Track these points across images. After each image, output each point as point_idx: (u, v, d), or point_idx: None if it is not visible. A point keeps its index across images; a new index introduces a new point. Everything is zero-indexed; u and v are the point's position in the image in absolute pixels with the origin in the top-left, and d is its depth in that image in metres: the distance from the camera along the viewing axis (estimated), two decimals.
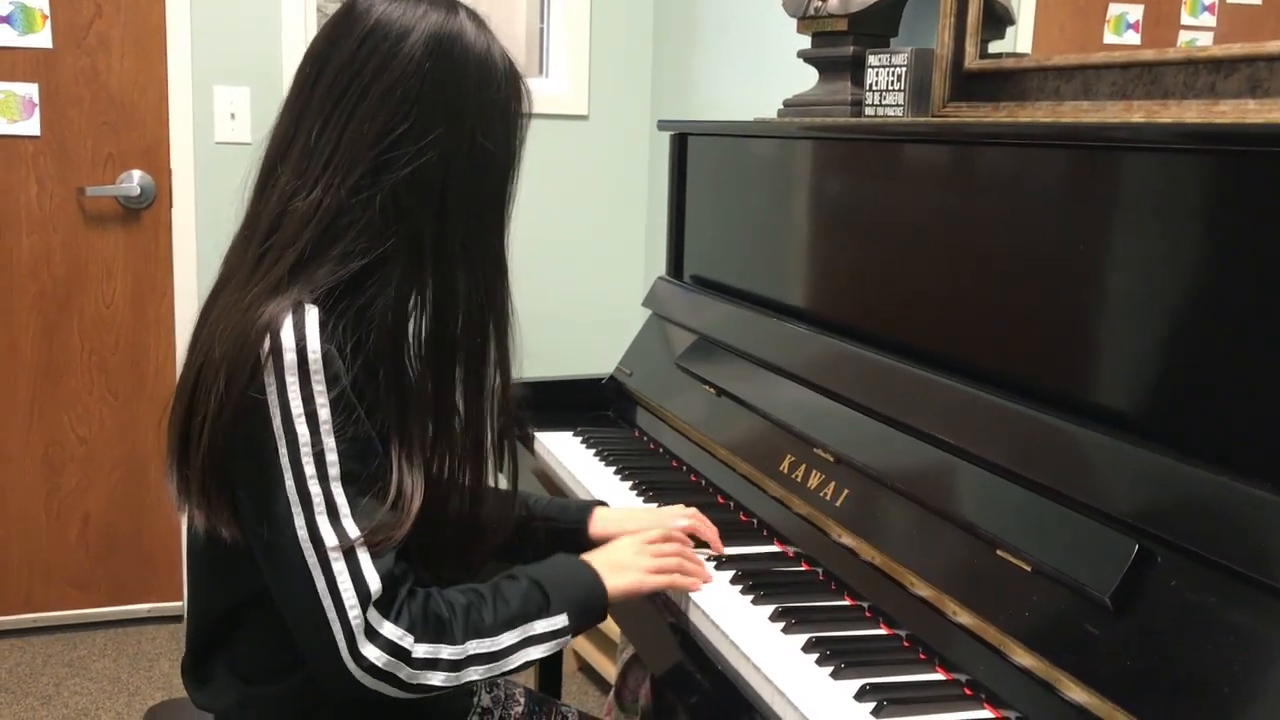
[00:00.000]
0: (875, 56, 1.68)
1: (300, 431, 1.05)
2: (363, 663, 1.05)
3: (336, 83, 1.11)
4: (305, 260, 1.08)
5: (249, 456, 1.06)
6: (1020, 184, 1.31)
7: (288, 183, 1.11)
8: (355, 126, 1.09)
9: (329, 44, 1.13)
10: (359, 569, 1.05)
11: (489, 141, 1.14)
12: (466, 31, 1.13)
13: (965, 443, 1.25)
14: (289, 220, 1.10)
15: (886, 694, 1.09)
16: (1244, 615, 0.92)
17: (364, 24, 1.11)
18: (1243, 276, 1.02)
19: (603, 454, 1.81)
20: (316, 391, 1.05)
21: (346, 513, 1.06)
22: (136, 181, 2.88)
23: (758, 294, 1.87)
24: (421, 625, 1.08)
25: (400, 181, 1.10)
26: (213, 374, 1.06)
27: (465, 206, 1.14)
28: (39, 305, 2.88)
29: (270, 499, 1.05)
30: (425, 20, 1.11)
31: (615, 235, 3.25)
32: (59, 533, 2.98)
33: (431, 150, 1.10)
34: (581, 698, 2.75)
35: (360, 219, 1.09)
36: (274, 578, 1.08)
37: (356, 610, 1.05)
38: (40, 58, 2.77)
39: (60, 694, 2.71)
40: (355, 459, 1.07)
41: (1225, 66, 1.22)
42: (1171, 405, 1.10)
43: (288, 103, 1.15)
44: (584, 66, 3.14)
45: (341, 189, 1.09)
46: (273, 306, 1.06)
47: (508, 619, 1.13)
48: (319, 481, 1.05)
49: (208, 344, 1.08)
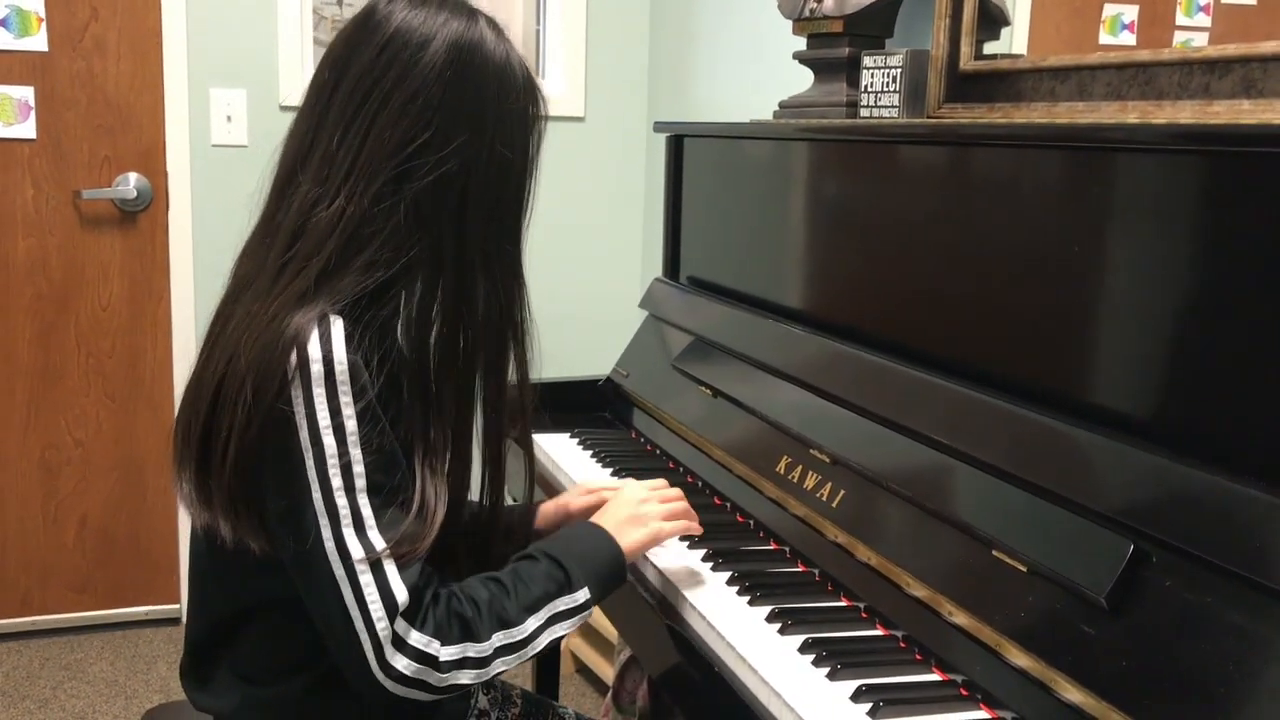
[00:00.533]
0: (870, 58, 1.68)
1: (327, 443, 1.05)
2: (392, 673, 1.05)
3: (357, 90, 1.10)
4: (330, 271, 1.08)
5: (277, 469, 1.06)
6: (1015, 185, 1.31)
7: (309, 191, 1.10)
8: (377, 134, 1.09)
9: (348, 50, 1.13)
10: (385, 581, 1.05)
11: (508, 149, 1.14)
12: (487, 39, 1.13)
13: (961, 443, 1.26)
14: (312, 229, 1.09)
15: (883, 694, 1.09)
16: (1239, 615, 0.92)
17: (384, 31, 1.11)
18: (1238, 277, 1.03)
19: (600, 455, 1.81)
20: (344, 404, 1.05)
21: (372, 524, 1.06)
22: (133, 184, 2.88)
23: (754, 295, 1.87)
24: (447, 629, 1.08)
25: (422, 190, 1.10)
26: (237, 385, 1.05)
27: (485, 214, 1.14)
28: (35, 308, 2.87)
29: (298, 511, 1.05)
30: (446, 28, 1.11)
31: (611, 237, 3.26)
32: (56, 536, 2.98)
33: (453, 159, 1.10)
34: (579, 699, 2.75)
35: (384, 229, 1.09)
36: (304, 589, 1.09)
37: (384, 622, 1.05)
38: (36, 61, 2.77)
39: (58, 697, 2.70)
40: (381, 470, 1.07)
41: (1220, 67, 1.22)
42: (1166, 405, 1.10)
43: (305, 109, 1.15)
44: (580, 68, 3.15)
45: (364, 198, 1.09)
46: (299, 317, 1.05)
47: (530, 604, 1.13)
48: (345, 493, 1.05)
49: (229, 353, 1.08)
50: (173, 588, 3.08)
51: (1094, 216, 1.19)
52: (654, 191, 3.12)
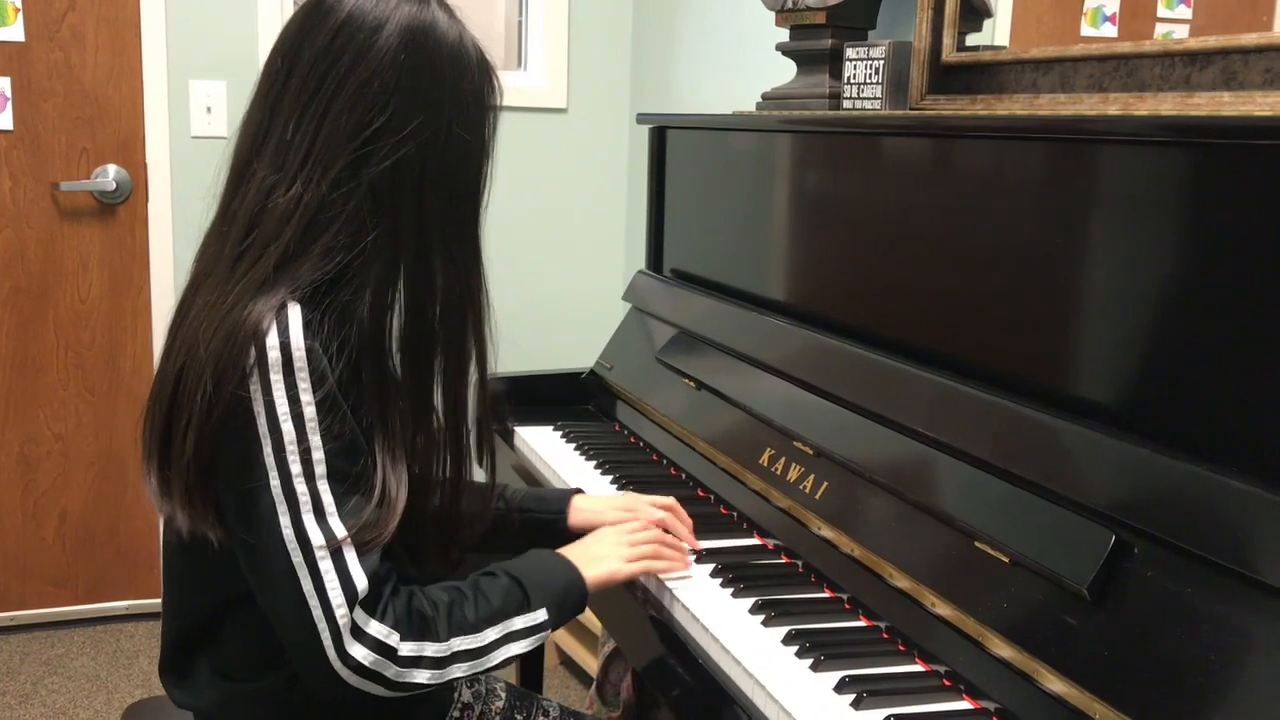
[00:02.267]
0: (853, 49, 1.68)
1: (285, 430, 1.04)
2: (350, 662, 1.04)
3: (311, 75, 1.10)
4: (289, 257, 1.08)
5: (234, 458, 1.05)
6: (998, 177, 1.32)
7: (265, 178, 1.10)
8: (333, 119, 1.09)
9: (301, 36, 1.12)
10: (346, 568, 1.05)
11: (465, 131, 1.14)
12: (439, 22, 1.13)
13: (944, 435, 1.26)
14: (269, 216, 1.09)
15: (866, 685, 1.09)
16: (1220, 605, 0.92)
17: (337, 16, 1.10)
18: (1219, 268, 1.03)
19: (583, 448, 1.81)
20: (302, 390, 1.04)
21: (333, 511, 1.05)
22: (112, 176, 2.86)
23: (738, 288, 1.87)
24: (406, 623, 1.07)
25: (380, 174, 1.09)
26: (197, 375, 1.05)
27: (443, 197, 1.13)
28: (14, 301, 2.85)
29: (255, 500, 1.04)
30: (399, 11, 1.11)
31: (595, 229, 3.25)
32: (36, 530, 2.96)
33: (410, 142, 1.10)
34: (563, 692, 2.75)
35: (342, 213, 1.09)
36: (258, 579, 1.07)
37: (343, 610, 1.04)
38: (12, 51, 2.74)
39: (38, 692, 2.69)
40: (342, 457, 1.07)
41: (1200, 59, 1.23)
42: (1148, 397, 1.10)
43: (257, 96, 1.15)
44: (563, 60, 3.14)
45: (322, 183, 1.08)
46: (258, 305, 1.05)
47: (489, 615, 1.13)
48: (305, 480, 1.04)
49: (189, 343, 1.07)
50: (154, 582, 3.06)
51: (1076, 208, 1.19)
52: (637, 183, 3.11)
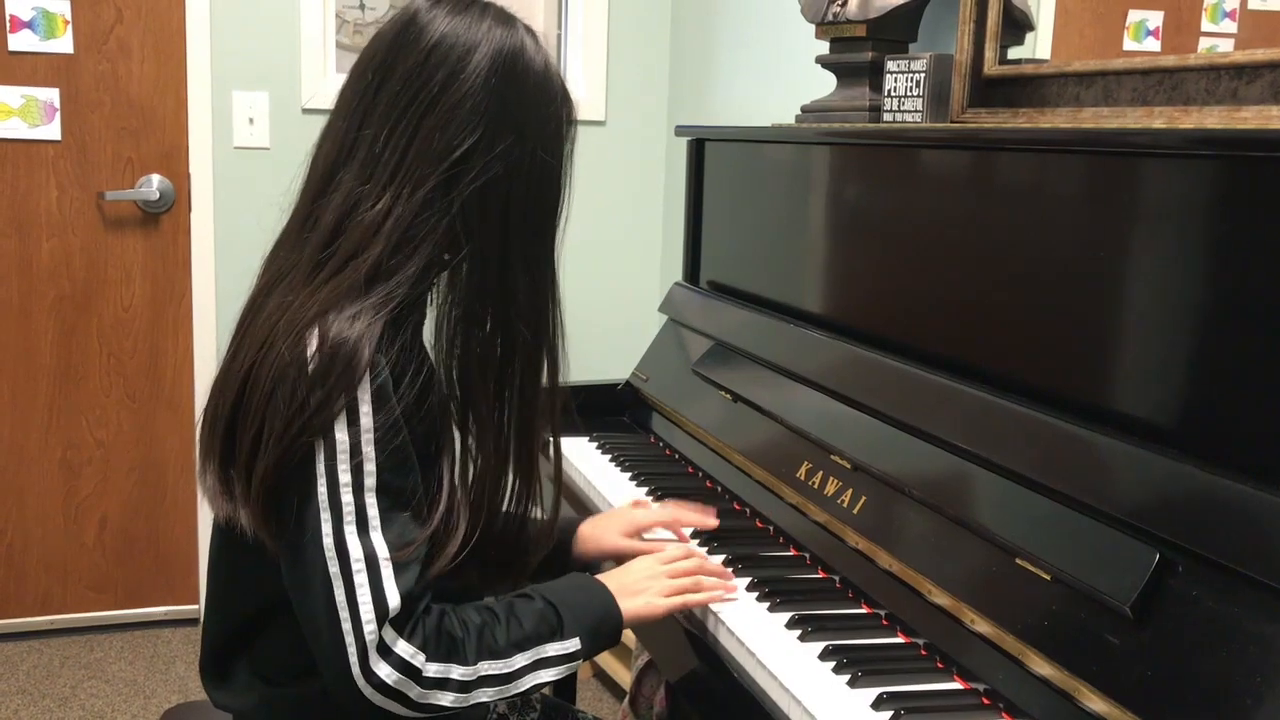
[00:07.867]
0: (894, 62, 1.67)
1: (339, 439, 1.04)
2: (373, 680, 1.05)
3: (403, 93, 1.11)
4: (376, 270, 1.08)
5: (292, 461, 1.06)
6: (1040, 190, 1.30)
7: (352, 188, 1.11)
8: (424, 137, 1.10)
9: (392, 53, 1.13)
10: (380, 584, 1.05)
11: (548, 154, 1.15)
12: (528, 47, 1.15)
13: (984, 450, 1.25)
14: (354, 228, 1.09)
15: (904, 703, 1.08)
16: (1268, 626, 0.91)
17: (429, 36, 1.12)
18: (1265, 283, 1.01)
19: (618, 459, 1.81)
20: (361, 401, 1.05)
21: (376, 525, 1.06)
22: (155, 186, 2.89)
23: (774, 300, 1.86)
24: (434, 644, 1.07)
25: (469, 195, 1.11)
26: (271, 376, 1.05)
27: (527, 221, 1.15)
28: (58, 309, 2.89)
29: (302, 505, 1.05)
30: (490, 35, 1.12)
31: (632, 241, 3.25)
32: (76, 535, 3.00)
33: (498, 164, 1.11)
34: (596, 704, 2.75)
35: (433, 231, 1.10)
36: (295, 585, 1.08)
37: (372, 626, 1.04)
38: (61, 63, 2.79)
39: (77, 696, 2.72)
40: (393, 471, 1.07)
41: (1248, 72, 1.21)
42: (1193, 412, 1.09)
43: (343, 108, 1.15)
44: (601, 72, 3.15)
45: (412, 200, 1.09)
46: (333, 314, 1.05)
47: (520, 640, 1.12)
48: (353, 491, 1.05)
49: (260, 343, 1.08)
50: (192, 588, 3.09)
51: (1119, 222, 1.18)
52: (674, 195, 3.11)
